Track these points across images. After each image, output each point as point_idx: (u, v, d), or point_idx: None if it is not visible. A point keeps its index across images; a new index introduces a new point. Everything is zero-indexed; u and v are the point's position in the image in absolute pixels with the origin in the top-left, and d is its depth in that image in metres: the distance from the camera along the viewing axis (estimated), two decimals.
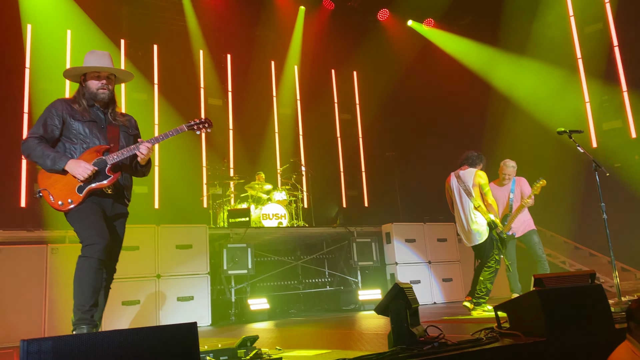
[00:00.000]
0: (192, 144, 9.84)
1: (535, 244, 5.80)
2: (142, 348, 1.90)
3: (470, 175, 5.28)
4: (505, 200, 5.90)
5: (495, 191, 5.90)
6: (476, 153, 5.43)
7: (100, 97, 3.14)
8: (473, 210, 5.19)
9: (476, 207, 5.18)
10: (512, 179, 5.90)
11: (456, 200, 5.40)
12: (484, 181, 5.24)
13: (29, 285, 5.53)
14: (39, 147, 2.96)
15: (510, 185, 5.91)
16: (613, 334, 2.96)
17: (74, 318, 2.74)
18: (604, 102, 9.10)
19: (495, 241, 5.15)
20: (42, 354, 1.76)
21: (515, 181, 5.92)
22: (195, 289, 6.38)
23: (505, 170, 5.89)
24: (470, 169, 5.34)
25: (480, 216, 5.17)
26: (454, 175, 5.46)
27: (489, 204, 5.17)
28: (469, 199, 5.23)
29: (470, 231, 5.23)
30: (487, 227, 5.15)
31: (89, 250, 2.77)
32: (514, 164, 5.90)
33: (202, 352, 2.56)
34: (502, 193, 5.94)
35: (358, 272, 7.78)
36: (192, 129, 3.30)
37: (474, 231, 5.19)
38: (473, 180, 5.25)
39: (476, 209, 5.18)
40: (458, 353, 2.50)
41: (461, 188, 5.32)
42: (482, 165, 5.43)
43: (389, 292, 2.71)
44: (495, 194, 5.87)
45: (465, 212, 5.27)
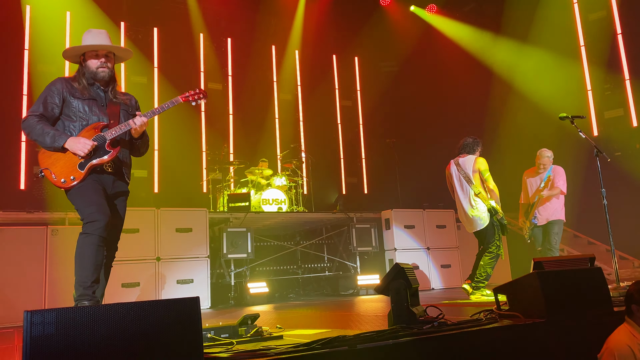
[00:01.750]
0: (192, 128, 9.81)
1: (552, 234, 5.85)
2: (144, 321, 1.91)
3: (470, 162, 5.31)
4: (536, 188, 6.00)
5: (529, 179, 6.08)
6: (471, 139, 5.44)
7: (100, 76, 3.13)
8: (474, 197, 5.22)
9: (476, 193, 5.20)
10: (547, 168, 5.97)
11: (456, 187, 5.41)
12: (484, 167, 5.26)
13: (29, 266, 5.55)
14: (39, 125, 2.96)
15: (544, 175, 5.98)
16: (611, 316, 2.98)
17: (76, 294, 2.76)
18: (605, 90, 9.06)
19: (497, 227, 5.18)
20: (45, 325, 1.77)
21: (551, 170, 5.99)
22: (194, 272, 6.41)
23: (540, 160, 5.99)
24: (470, 156, 5.36)
25: (481, 203, 5.19)
26: (453, 163, 5.49)
27: (491, 189, 5.19)
28: (469, 186, 5.25)
29: (471, 218, 5.25)
30: (487, 213, 5.17)
31: (90, 227, 2.77)
32: (549, 154, 5.97)
33: (204, 330, 2.57)
34: (535, 181, 6.05)
35: (357, 258, 7.81)
36: (188, 100, 3.29)
37: (475, 217, 5.21)
38: (473, 167, 5.27)
39: (477, 196, 5.20)
40: (458, 332, 2.51)
41: (461, 175, 5.34)
42: (480, 150, 5.45)
43: (389, 272, 2.72)
44: (529, 181, 6.06)
45: (466, 199, 5.28)
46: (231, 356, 2.10)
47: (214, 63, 10.38)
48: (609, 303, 3.07)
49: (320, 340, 2.21)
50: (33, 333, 1.76)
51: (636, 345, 2.84)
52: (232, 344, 2.48)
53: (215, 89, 10.25)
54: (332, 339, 2.24)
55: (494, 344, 2.60)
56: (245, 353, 2.15)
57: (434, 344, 2.39)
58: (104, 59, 3.13)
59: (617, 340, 2.86)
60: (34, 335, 1.75)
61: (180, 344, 1.94)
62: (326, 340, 2.21)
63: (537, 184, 5.99)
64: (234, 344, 2.48)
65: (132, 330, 1.88)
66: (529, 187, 6.11)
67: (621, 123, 8.84)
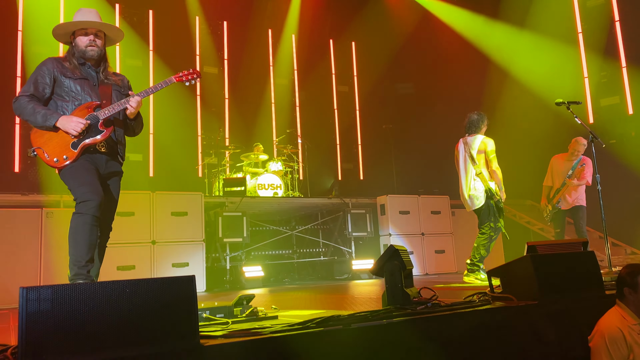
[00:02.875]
0: (187, 112, 9.76)
1: (578, 219, 6.20)
2: (140, 299, 1.91)
3: (477, 142, 5.26)
4: (565, 174, 6.23)
5: (559, 164, 6.32)
6: (476, 115, 5.41)
7: (89, 55, 3.10)
8: (474, 177, 5.22)
9: (477, 174, 5.20)
10: (579, 157, 6.19)
11: (460, 165, 5.42)
12: (491, 148, 5.22)
13: (24, 249, 5.54)
14: (30, 104, 2.93)
15: (574, 162, 6.22)
16: (603, 299, 3.01)
17: (70, 273, 2.76)
18: (602, 77, 9.06)
19: (492, 209, 5.18)
20: (41, 301, 1.77)
21: (581, 160, 6.20)
22: (190, 256, 6.42)
23: (576, 147, 6.17)
24: (478, 136, 5.31)
25: (479, 183, 5.19)
26: (462, 142, 5.45)
27: (493, 170, 5.17)
28: (472, 165, 5.23)
29: (468, 197, 5.29)
30: (484, 194, 5.18)
31: (83, 207, 2.77)
32: (585, 143, 6.11)
33: (199, 310, 2.59)
34: (565, 167, 6.28)
35: (352, 243, 7.84)
36: (181, 80, 3.27)
37: (472, 197, 5.24)
38: (478, 147, 5.23)
39: (477, 176, 5.20)
40: (451, 313, 2.54)
41: (466, 154, 5.31)
42: (486, 125, 5.41)
43: (383, 254, 2.74)
44: (559, 166, 6.30)
45: (467, 177, 5.29)
46: (227, 334, 2.11)
47: (210, 46, 10.29)
48: (601, 286, 3.11)
49: (314, 320, 2.23)
50: (29, 309, 1.76)
51: (626, 328, 2.88)
52: (227, 324, 2.50)
53: (211, 72, 10.18)
54: (327, 318, 2.26)
55: (487, 325, 2.64)
56: (241, 332, 2.17)
57: (427, 324, 2.42)
58: (92, 37, 3.10)
59: (608, 322, 2.90)
60: (30, 311, 1.75)
61: (176, 321, 1.95)
62: (321, 320, 2.23)
63: (565, 170, 6.23)
64: (229, 324, 2.50)
65: (127, 307, 1.88)
66: (554, 172, 6.38)
67: (617, 110, 8.85)
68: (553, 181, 6.40)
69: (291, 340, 2.10)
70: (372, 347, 2.25)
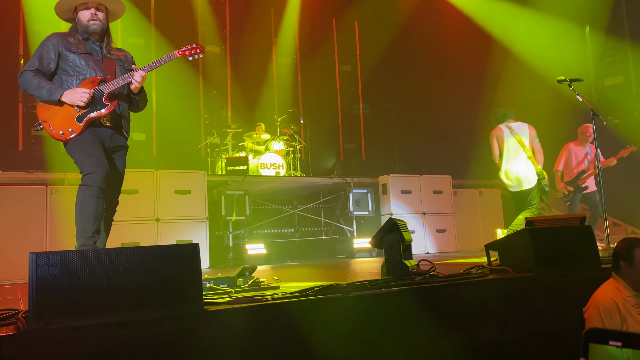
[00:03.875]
0: (190, 92, 9.75)
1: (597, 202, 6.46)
2: (145, 265, 1.97)
3: (524, 128, 5.64)
4: (582, 158, 6.57)
5: (575, 149, 6.64)
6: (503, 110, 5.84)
7: (92, 29, 3.13)
8: (525, 160, 5.49)
9: (529, 157, 5.51)
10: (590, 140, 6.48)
11: (506, 149, 5.64)
12: (535, 133, 5.63)
13: (29, 226, 5.61)
14: (35, 79, 2.97)
15: (587, 148, 6.55)
16: (599, 272, 3.07)
17: (77, 244, 2.82)
18: (606, 57, 9.00)
19: (540, 190, 5.52)
20: (50, 266, 1.84)
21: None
22: (194, 233, 6.49)
23: (590, 131, 6.43)
24: (522, 123, 5.70)
25: (531, 165, 5.51)
26: (504, 127, 5.72)
27: (537, 152, 5.56)
28: (523, 149, 5.53)
29: (522, 178, 5.53)
30: (536, 177, 5.49)
31: (89, 179, 2.82)
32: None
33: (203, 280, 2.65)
34: (580, 152, 6.59)
35: (354, 222, 7.90)
36: (185, 54, 3.29)
37: (523, 179, 5.51)
38: (528, 132, 5.61)
39: (529, 159, 5.50)
40: (448, 284, 2.60)
41: (514, 139, 5.61)
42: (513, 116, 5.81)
43: (383, 226, 2.79)
44: (578, 152, 6.61)
45: (519, 160, 5.56)
46: (230, 301, 2.18)
47: (212, 25, 10.23)
48: (597, 260, 3.16)
49: (315, 287, 2.29)
50: (39, 274, 1.82)
51: (621, 300, 2.94)
52: (230, 293, 2.56)
53: (213, 51, 10.14)
54: (327, 286, 2.32)
55: (484, 296, 2.70)
56: (243, 298, 2.23)
57: (424, 294, 2.48)
58: (93, 10, 3.12)
59: (602, 294, 2.97)
60: (40, 275, 1.82)
61: (181, 287, 2.01)
62: (321, 288, 2.30)
63: (582, 155, 6.55)
64: (233, 293, 2.57)
65: (134, 273, 1.95)
66: (573, 157, 6.66)
67: (621, 90, 8.82)
68: (568, 166, 6.67)
69: (292, 306, 2.17)
70: (370, 315, 2.32)
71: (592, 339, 0.76)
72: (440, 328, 2.44)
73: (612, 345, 0.75)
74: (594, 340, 0.76)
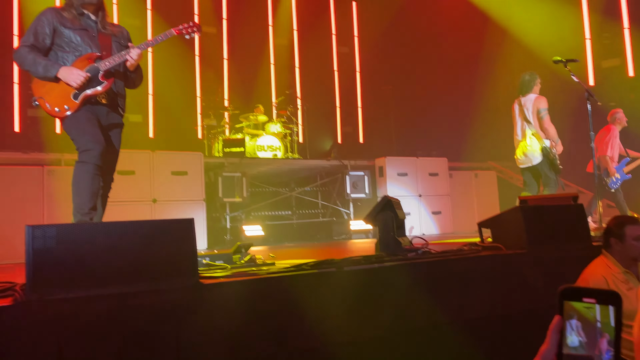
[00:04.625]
0: (187, 73, 9.71)
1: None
2: (141, 238, 2.00)
3: (531, 101, 5.40)
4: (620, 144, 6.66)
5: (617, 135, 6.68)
6: (528, 75, 5.50)
7: (87, 1, 3.11)
8: (530, 136, 5.36)
9: (533, 133, 5.35)
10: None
11: (517, 126, 5.55)
12: (543, 106, 5.32)
13: (27, 206, 5.63)
14: (30, 55, 2.96)
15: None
16: (590, 249, 3.11)
17: (74, 220, 2.85)
18: (604, 39, 8.96)
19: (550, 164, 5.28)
20: (46, 238, 1.86)
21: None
22: (191, 214, 6.37)
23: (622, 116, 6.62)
24: (531, 95, 5.42)
25: (535, 141, 5.31)
26: (516, 102, 5.57)
27: (546, 128, 5.28)
28: (527, 125, 5.39)
29: (524, 155, 5.40)
30: (540, 152, 5.29)
31: (85, 156, 2.84)
32: None
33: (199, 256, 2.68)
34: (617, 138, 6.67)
35: (350, 204, 7.94)
36: (181, 32, 3.29)
37: (528, 154, 5.34)
38: (532, 107, 5.37)
39: (533, 135, 5.34)
40: (440, 260, 2.64)
41: (521, 115, 5.47)
42: (538, 84, 5.50)
43: (377, 203, 2.82)
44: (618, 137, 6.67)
45: (523, 136, 5.43)
46: (226, 275, 2.21)
47: (209, 6, 10.13)
48: (588, 237, 3.20)
49: (309, 263, 2.33)
50: (35, 246, 1.85)
51: (610, 276, 2.98)
52: (226, 268, 2.60)
53: (210, 32, 10.07)
54: (321, 261, 2.35)
55: (475, 272, 2.74)
56: (240, 272, 2.27)
57: (417, 269, 2.52)
58: None
59: (592, 271, 3.01)
60: (36, 247, 1.84)
61: (177, 260, 2.04)
62: (315, 263, 2.33)
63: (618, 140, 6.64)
64: (229, 268, 2.60)
65: (129, 246, 1.97)
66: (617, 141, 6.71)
67: (618, 72, 8.80)
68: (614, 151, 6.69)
69: (287, 280, 2.21)
70: (364, 289, 2.36)
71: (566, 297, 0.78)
72: (432, 302, 2.49)
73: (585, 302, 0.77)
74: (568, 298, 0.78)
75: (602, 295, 0.77)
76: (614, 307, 0.75)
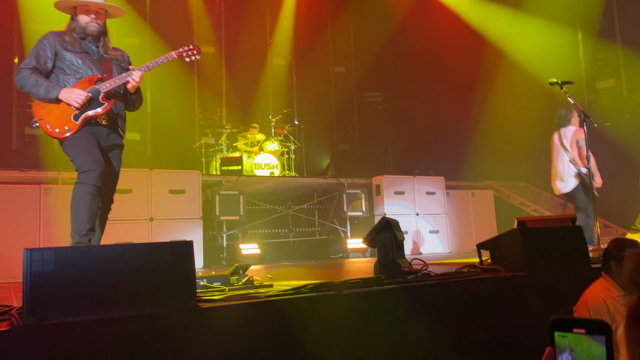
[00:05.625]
0: (185, 92, 9.75)
1: None
2: (139, 261, 1.99)
3: (571, 132, 5.95)
4: None
5: None
6: (564, 110, 6.02)
7: (89, 30, 3.15)
8: (568, 163, 5.86)
9: (570, 160, 5.84)
10: None
11: (555, 154, 6.04)
12: (581, 137, 5.75)
13: (23, 224, 5.58)
14: (32, 77, 2.98)
15: None
16: (589, 272, 3.11)
17: (72, 242, 2.83)
18: (598, 60, 9.08)
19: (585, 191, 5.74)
20: (44, 262, 1.85)
21: None
22: (187, 233, 6.49)
23: None
24: (571, 127, 5.97)
25: (572, 168, 5.83)
26: (556, 134, 6.07)
27: (584, 157, 5.62)
28: (565, 153, 5.90)
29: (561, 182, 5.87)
30: (576, 178, 5.80)
31: (85, 177, 2.83)
32: None
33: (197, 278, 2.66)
34: None
35: (347, 222, 7.93)
36: (181, 55, 3.31)
37: (565, 181, 5.84)
38: (571, 137, 5.91)
39: (570, 162, 5.84)
40: (440, 282, 2.63)
41: (560, 144, 5.96)
42: (576, 116, 5.98)
43: (376, 225, 2.81)
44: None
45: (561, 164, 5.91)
46: (224, 298, 2.19)
47: (207, 26, 10.23)
48: (587, 259, 3.20)
49: (308, 285, 2.31)
50: (33, 270, 1.83)
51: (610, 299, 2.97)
52: (224, 291, 2.58)
53: (208, 52, 10.15)
54: (320, 284, 2.34)
55: (475, 295, 2.73)
56: (237, 296, 2.25)
57: (416, 292, 2.51)
58: (94, 15, 3.14)
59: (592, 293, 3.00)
60: (34, 271, 1.83)
61: (175, 283, 2.03)
62: (314, 286, 2.32)
63: None
64: (226, 291, 2.58)
65: (127, 269, 1.96)
66: None
67: (612, 93, 8.90)
68: None
69: (285, 304, 2.19)
70: (363, 312, 2.34)
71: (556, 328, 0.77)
72: (432, 326, 2.47)
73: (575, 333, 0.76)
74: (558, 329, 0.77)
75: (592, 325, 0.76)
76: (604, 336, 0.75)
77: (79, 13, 3.15)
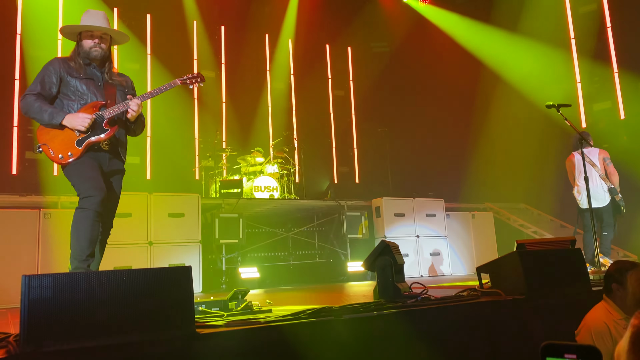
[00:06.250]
0: (185, 116, 9.83)
1: None
2: (137, 287, 1.98)
3: (595, 152, 6.29)
4: None
5: None
6: (585, 133, 6.15)
7: (93, 55, 3.19)
8: (600, 179, 6.16)
9: (601, 176, 6.14)
10: None
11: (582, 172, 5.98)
12: (607, 156, 6.28)
13: (22, 249, 5.57)
14: (37, 103, 3.01)
15: None
16: (590, 295, 3.09)
17: (71, 267, 2.83)
18: (594, 82, 9.18)
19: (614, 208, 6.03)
20: (42, 288, 1.84)
21: None
22: (187, 257, 6.47)
23: None
24: (592, 148, 6.27)
25: (604, 184, 6.13)
26: (577, 154, 6.29)
27: (612, 173, 6.08)
28: (594, 169, 6.17)
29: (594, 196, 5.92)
30: (609, 193, 6.09)
31: (86, 202, 2.84)
32: None
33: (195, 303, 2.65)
34: None
35: (347, 245, 7.90)
36: (185, 83, 3.35)
37: (597, 196, 6.01)
38: (598, 156, 6.25)
39: (601, 178, 6.15)
40: (440, 306, 2.61)
41: (587, 163, 6.06)
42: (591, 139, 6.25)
43: (375, 248, 2.81)
44: None
45: (594, 181, 6.09)
46: (222, 324, 2.18)
47: (208, 50, 10.38)
48: (587, 282, 3.19)
49: (307, 311, 2.30)
50: (31, 296, 1.82)
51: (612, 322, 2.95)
52: (223, 316, 2.56)
53: (209, 76, 10.26)
54: (319, 309, 2.33)
55: (475, 319, 2.71)
56: (236, 321, 2.24)
57: (416, 317, 2.49)
58: (97, 40, 3.19)
59: (594, 317, 2.98)
60: (32, 298, 1.82)
61: (173, 309, 2.02)
62: (313, 311, 2.30)
63: None
64: (225, 316, 2.56)
65: (125, 295, 1.95)
66: None
67: (609, 115, 8.97)
68: None
69: (285, 329, 2.17)
70: (363, 338, 2.32)
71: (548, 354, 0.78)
72: (432, 351, 2.45)
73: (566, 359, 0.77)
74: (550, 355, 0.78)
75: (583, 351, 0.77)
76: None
77: (84, 38, 3.20)
